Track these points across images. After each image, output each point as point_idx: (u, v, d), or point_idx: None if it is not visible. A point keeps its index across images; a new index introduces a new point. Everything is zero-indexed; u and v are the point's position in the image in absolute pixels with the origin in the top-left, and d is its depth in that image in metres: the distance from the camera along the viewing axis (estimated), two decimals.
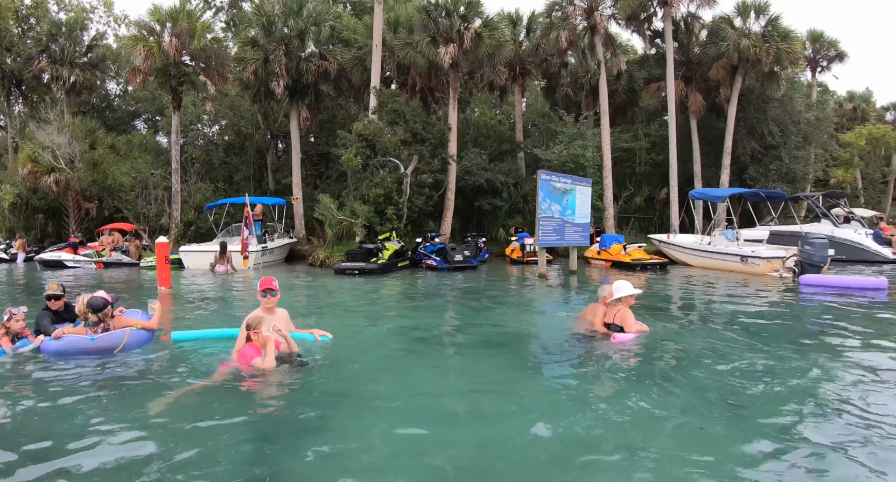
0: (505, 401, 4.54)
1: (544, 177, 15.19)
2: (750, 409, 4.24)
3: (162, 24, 21.69)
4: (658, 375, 5.16)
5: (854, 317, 8.44)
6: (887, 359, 5.79)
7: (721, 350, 6.17)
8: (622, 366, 5.57)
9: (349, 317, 9.11)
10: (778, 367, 5.41)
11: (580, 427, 3.89)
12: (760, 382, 4.93)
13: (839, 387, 4.78)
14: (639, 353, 5.98)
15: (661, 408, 4.26)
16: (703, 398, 4.49)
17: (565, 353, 6.26)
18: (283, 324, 5.48)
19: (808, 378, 5.07)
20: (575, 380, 5.23)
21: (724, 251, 17.41)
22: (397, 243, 18.79)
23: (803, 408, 4.27)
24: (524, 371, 5.59)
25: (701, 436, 3.77)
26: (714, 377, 5.11)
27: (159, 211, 21.47)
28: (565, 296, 11.99)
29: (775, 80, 21.60)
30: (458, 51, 19.36)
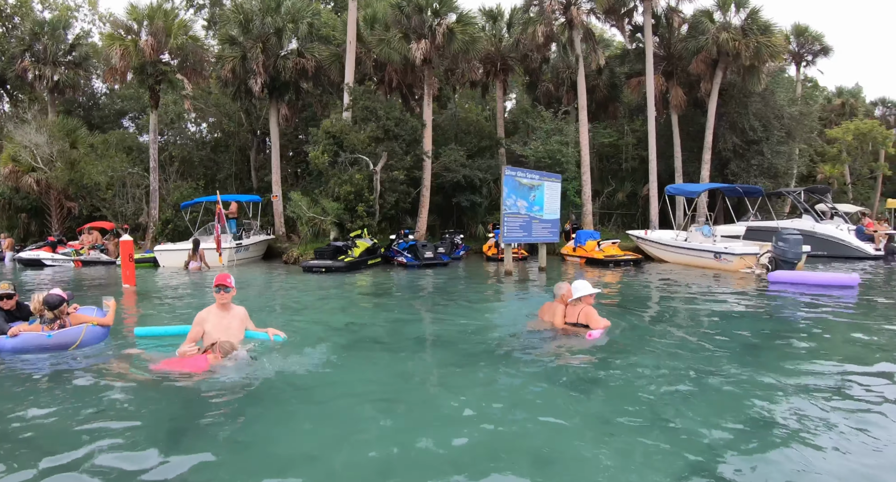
0: (424, 400, 4.41)
1: (509, 172, 14.59)
2: (680, 419, 3.86)
3: (139, 22, 21.14)
4: (590, 378, 4.86)
5: (815, 318, 7.88)
6: (830, 367, 5.18)
7: (661, 351, 5.77)
8: (568, 366, 5.30)
9: (303, 314, 8.81)
10: (712, 374, 4.90)
11: (503, 429, 3.70)
12: (693, 392, 4.48)
13: (764, 395, 4.31)
14: (590, 354, 5.69)
15: (576, 414, 4.01)
16: (628, 403, 4.19)
17: (504, 351, 5.90)
18: (239, 321, 5.38)
19: (738, 384, 4.63)
20: (507, 379, 4.91)
21: (697, 247, 16.73)
22: (369, 240, 18.29)
23: (724, 423, 3.80)
24: (456, 369, 5.30)
25: (612, 443, 3.50)
26: (644, 382, 4.71)
27: (137, 209, 20.98)
28: (526, 294, 11.46)
29: (755, 74, 20.75)
30: (430, 47, 18.69)
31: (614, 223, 25.14)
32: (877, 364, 5.25)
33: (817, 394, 4.35)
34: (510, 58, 25.30)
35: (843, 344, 6.24)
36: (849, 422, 3.76)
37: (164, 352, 5.52)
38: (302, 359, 5.24)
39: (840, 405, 4.09)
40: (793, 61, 27.75)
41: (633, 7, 22.54)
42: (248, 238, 20.41)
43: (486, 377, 4.95)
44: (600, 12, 21.78)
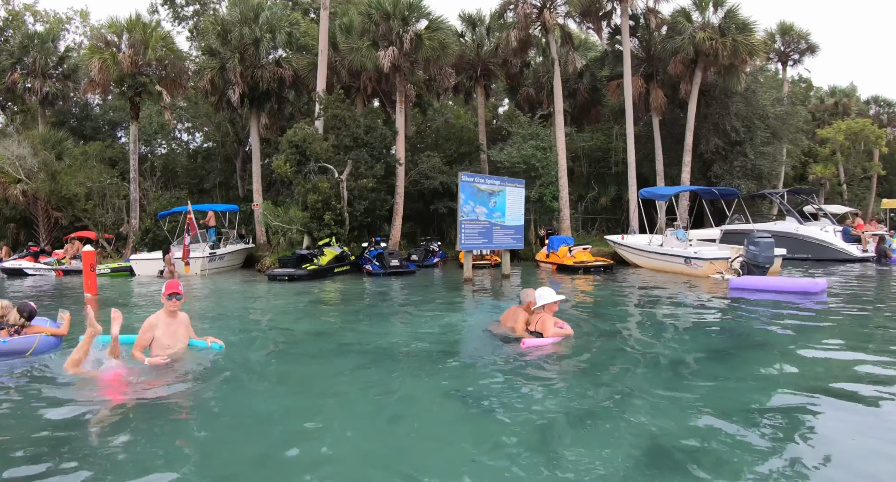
0: (343, 405, 4.20)
1: (465, 179, 13.72)
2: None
3: (118, 35, 20.67)
4: (520, 389, 4.47)
5: (765, 331, 6.85)
6: (760, 390, 4.36)
7: (601, 363, 5.25)
8: (515, 373, 4.90)
9: (247, 321, 8.57)
10: (629, 396, 4.24)
11: (424, 437, 3.50)
12: (588, 418, 3.83)
13: (665, 424, 3.64)
14: (539, 360, 5.29)
15: (494, 424, 3.67)
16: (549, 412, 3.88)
17: (413, 358, 5.69)
18: (183, 328, 5.42)
19: (646, 408, 4.01)
20: (396, 385, 4.66)
21: (668, 252, 15.65)
22: (338, 248, 17.57)
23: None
24: (356, 374, 5.08)
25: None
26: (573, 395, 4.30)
27: (117, 219, 20.49)
28: (476, 303, 10.63)
29: (735, 73, 19.55)
30: (398, 54, 17.84)
31: (598, 228, 23.99)
32: (799, 389, 4.35)
33: (737, 418, 3.67)
34: (491, 63, 24.39)
35: (784, 361, 5.32)
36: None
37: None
38: (244, 369, 5.15)
39: (765, 431, 3.46)
40: (779, 60, 26.37)
41: (612, 9, 21.45)
42: (223, 247, 19.73)
43: (377, 384, 4.73)
44: (576, 15, 20.76)
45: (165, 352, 5.09)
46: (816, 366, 5.07)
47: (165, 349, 5.10)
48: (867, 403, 3.97)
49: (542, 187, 20.23)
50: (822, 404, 3.96)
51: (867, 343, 5.91)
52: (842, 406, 3.94)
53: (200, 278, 17.43)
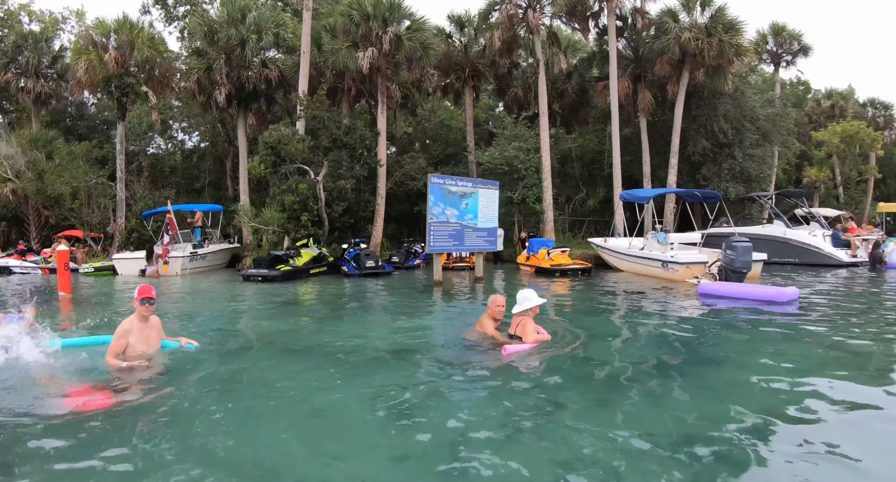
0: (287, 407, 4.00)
1: (435, 180, 13.20)
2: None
3: (106, 36, 20.34)
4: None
5: (716, 344, 6.20)
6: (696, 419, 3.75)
7: (538, 375, 4.86)
8: (453, 379, 4.67)
9: (199, 323, 8.18)
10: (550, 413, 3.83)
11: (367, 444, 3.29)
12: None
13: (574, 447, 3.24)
14: (502, 369, 4.95)
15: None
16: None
17: (376, 361, 5.44)
18: (155, 331, 5.32)
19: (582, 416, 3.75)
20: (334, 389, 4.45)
21: (646, 256, 14.98)
22: (316, 249, 17.12)
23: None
24: (316, 378, 4.87)
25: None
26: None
27: (103, 218, 20.17)
28: (439, 306, 10.09)
29: (722, 74, 18.78)
30: (377, 55, 17.30)
31: (586, 230, 23.29)
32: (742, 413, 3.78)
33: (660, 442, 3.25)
34: (480, 64, 23.78)
35: (722, 380, 4.75)
36: None
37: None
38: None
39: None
40: (771, 61, 25.47)
41: (599, 9, 20.77)
42: (205, 247, 19.33)
43: (304, 386, 4.57)
44: (562, 15, 20.10)
45: (139, 358, 4.98)
46: (752, 388, 4.48)
47: (139, 356, 5.00)
48: (800, 431, 3.47)
49: (526, 189, 19.59)
50: (751, 430, 3.46)
51: (819, 364, 5.25)
52: (775, 433, 3.44)
53: (180, 278, 17.08)
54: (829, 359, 5.48)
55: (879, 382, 4.63)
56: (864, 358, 5.53)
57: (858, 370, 5.05)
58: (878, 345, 5.97)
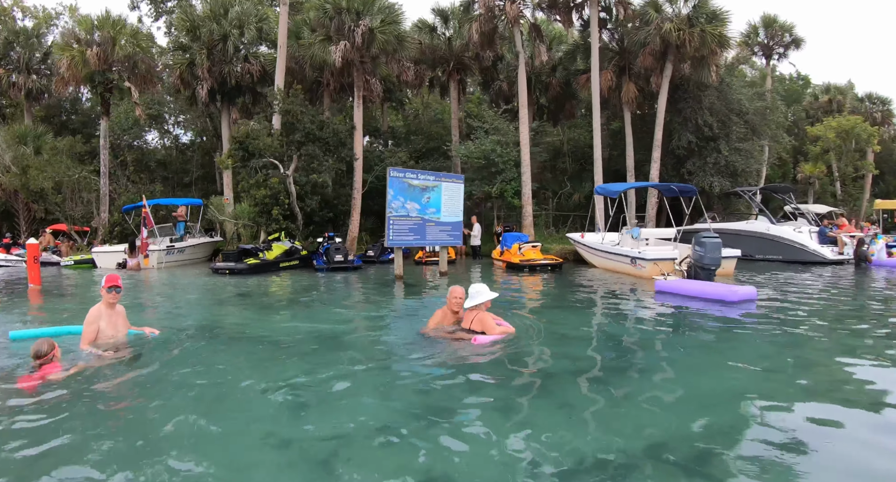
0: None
1: (394, 174, 12.72)
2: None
3: (89, 32, 20.05)
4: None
5: (654, 349, 5.61)
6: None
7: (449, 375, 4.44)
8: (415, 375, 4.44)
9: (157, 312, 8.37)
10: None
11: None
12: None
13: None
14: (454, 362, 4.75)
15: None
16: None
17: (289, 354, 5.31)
18: (122, 319, 5.46)
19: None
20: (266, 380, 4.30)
21: (616, 252, 14.29)
22: (288, 243, 16.74)
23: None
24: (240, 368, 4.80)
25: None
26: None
27: (86, 212, 19.98)
28: (398, 301, 9.73)
29: (706, 66, 17.93)
30: (350, 48, 16.76)
31: (571, 225, 22.58)
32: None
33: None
34: (465, 57, 23.12)
35: (649, 387, 4.17)
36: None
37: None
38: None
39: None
40: (762, 54, 24.40)
41: (582, 0, 19.96)
42: (184, 241, 19.03)
43: (228, 376, 4.51)
44: (544, 6, 19.36)
45: (109, 342, 5.15)
46: (674, 395, 3.97)
47: (109, 339, 5.16)
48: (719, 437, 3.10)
49: (504, 183, 18.95)
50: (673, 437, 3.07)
51: (759, 375, 4.57)
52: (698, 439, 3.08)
53: (157, 271, 16.85)
54: (762, 360, 4.90)
55: (815, 384, 4.21)
56: (801, 358, 5.05)
57: (791, 372, 4.60)
58: (823, 344, 5.44)
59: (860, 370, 4.53)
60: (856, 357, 4.93)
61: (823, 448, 2.96)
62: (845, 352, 5.18)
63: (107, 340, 5.15)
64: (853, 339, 5.74)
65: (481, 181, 19.19)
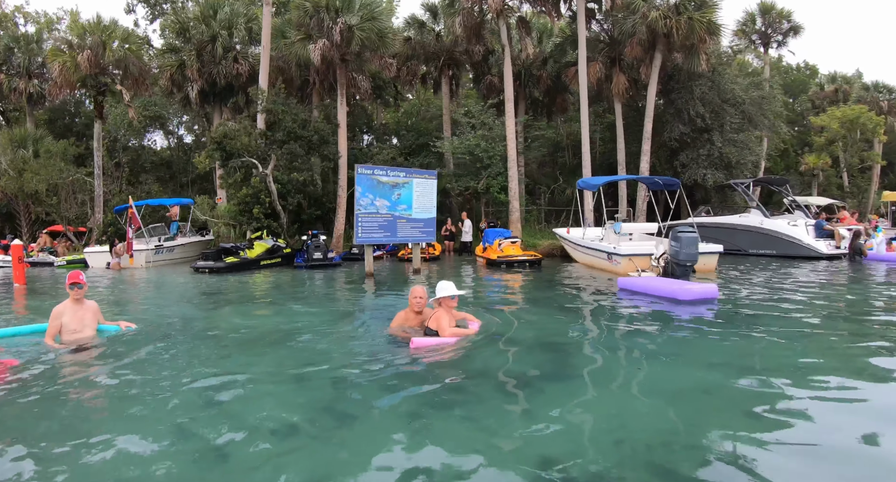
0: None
1: (362, 171, 12.41)
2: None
3: (81, 37, 20.13)
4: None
5: (593, 353, 5.06)
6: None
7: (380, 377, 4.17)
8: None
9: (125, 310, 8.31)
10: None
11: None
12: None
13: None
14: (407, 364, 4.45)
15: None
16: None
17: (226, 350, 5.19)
18: (91, 314, 5.55)
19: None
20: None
21: (594, 247, 13.75)
22: (271, 241, 16.59)
23: None
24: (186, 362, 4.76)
25: None
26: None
27: (80, 213, 20.12)
28: (364, 298, 9.48)
29: (695, 55, 17.20)
30: (330, 46, 16.47)
31: (563, 220, 22.00)
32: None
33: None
34: (456, 52, 22.66)
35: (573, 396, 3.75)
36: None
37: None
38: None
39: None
40: (760, 42, 23.37)
41: None
42: (173, 240, 19.00)
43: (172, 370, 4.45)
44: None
45: (73, 336, 5.25)
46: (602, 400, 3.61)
47: (73, 333, 5.26)
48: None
49: (490, 178, 18.49)
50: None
51: (685, 371, 4.13)
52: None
53: (145, 270, 16.85)
54: (702, 365, 4.41)
55: (753, 387, 3.77)
56: (746, 361, 4.55)
57: (732, 374, 4.11)
58: (771, 351, 4.84)
59: (806, 392, 3.74)
60: (810, 376, 4.12)
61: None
62: (793, 368, 4.27)
63: (70, 335, 5.28)
64: (807, 348, 4.94)
65: (468, 177, 18.77)
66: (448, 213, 20.53)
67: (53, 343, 5.19)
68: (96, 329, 5.58)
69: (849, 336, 5.46)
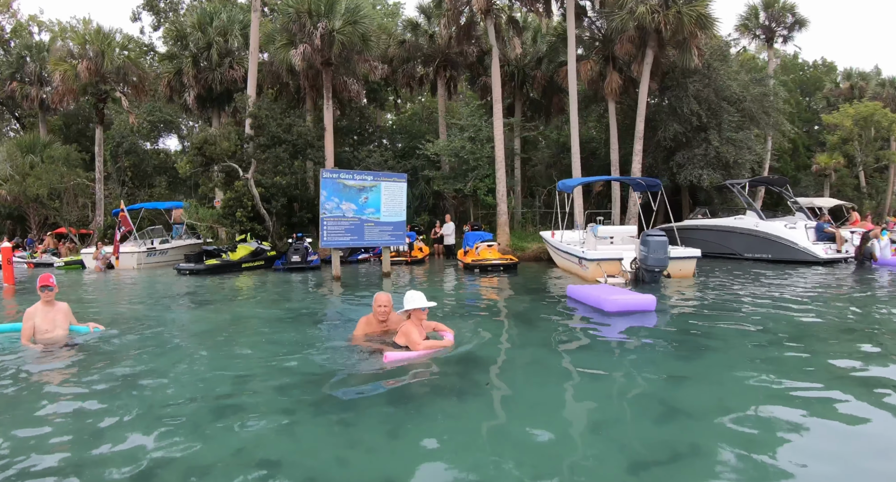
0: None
1: (327, 175, 12.31)
2: None
3: (82, 46, 20.63)
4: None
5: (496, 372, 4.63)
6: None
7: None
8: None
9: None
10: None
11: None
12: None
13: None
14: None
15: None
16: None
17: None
18: (63, 315, 5.69)
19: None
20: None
21: (568, 251, 13.23)
22: (254, 244, 16.62)
23: None
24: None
25: None
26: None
27: (81, 216, 20.62)
28: (333, 303, 9.22)
29: (687, 50, 16.46)
30: (312, 51, 16.41)
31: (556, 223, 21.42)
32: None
33: None
34: (452, 53, 22.35)
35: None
36: None
37: None
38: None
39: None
40: (764, 37, 22.25)
41: None
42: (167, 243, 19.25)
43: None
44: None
45: (45, 336, 5.41)
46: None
47: (44, 334, 5.42)
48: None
49: (477, 180, 18.12)
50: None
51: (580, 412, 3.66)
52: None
53: (136, 272, 17.11)
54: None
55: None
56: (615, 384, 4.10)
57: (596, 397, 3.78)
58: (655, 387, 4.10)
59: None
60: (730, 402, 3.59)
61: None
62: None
63: (43, 335, 5.44)
64: (706, 386, 4.08)
65: (454, 179, 18.45)
66: (444, 215, 20.26)
67: (29, 343, 5.35)
68: (68, 329, 5.72)
69: (768, 371, 4.36)
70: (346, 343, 5.23)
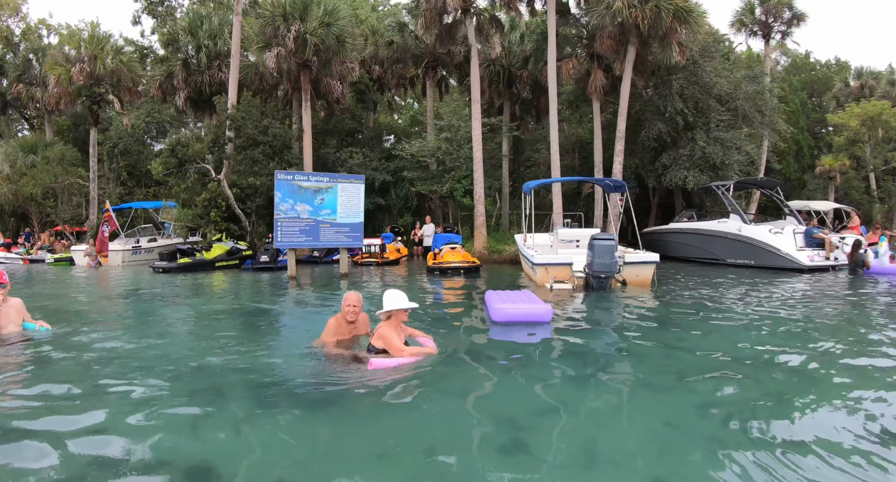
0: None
1: (282, 177, 12.33)
2: None
3: (77, 49, 21.21)
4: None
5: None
6: None
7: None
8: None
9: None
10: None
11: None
12: None
13: None
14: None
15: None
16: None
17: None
18: (15, 310, 5.71)
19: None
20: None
21: (525, 255, 12.88)
22: (230, 244, 16.81)
23: None
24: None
25: None
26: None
27: (75, 214, 21.19)
28: (295, 304, 9.12)
29: (668, 45, 15.87)
30: (286, 54, 16.45)
31: (545, 225, 20.99)
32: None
33: None
34: (439, 54, 22.15)
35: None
36: None
37: None
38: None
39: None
40: (761, 33, 21.26)
41: None
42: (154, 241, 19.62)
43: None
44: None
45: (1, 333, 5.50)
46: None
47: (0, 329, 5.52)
48: None
49: (455, 181, 17.88)
50: None
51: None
52: None
53: (121, 269, 17.51)
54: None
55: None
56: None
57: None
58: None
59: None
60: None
61: None
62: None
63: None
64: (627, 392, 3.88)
65: (431, 180, 18.25)
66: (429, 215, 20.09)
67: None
68: (21, 325, 5.79)
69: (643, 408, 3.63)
70: (311, 348, 4.90)
